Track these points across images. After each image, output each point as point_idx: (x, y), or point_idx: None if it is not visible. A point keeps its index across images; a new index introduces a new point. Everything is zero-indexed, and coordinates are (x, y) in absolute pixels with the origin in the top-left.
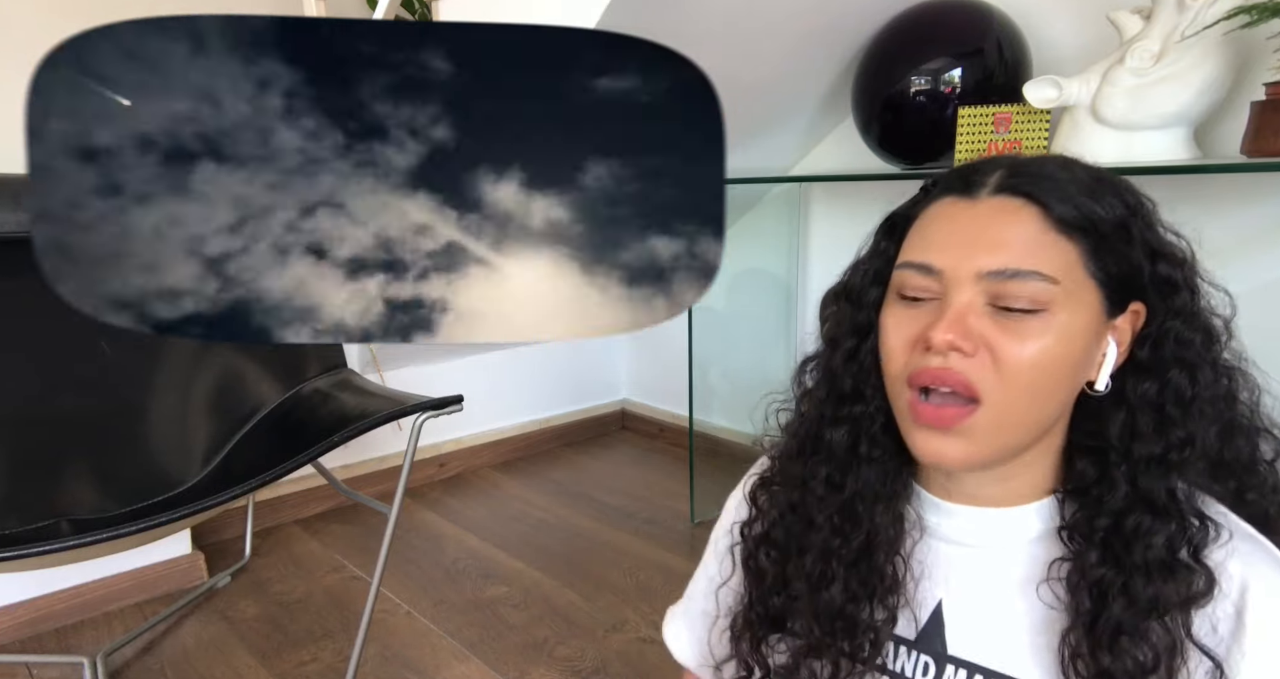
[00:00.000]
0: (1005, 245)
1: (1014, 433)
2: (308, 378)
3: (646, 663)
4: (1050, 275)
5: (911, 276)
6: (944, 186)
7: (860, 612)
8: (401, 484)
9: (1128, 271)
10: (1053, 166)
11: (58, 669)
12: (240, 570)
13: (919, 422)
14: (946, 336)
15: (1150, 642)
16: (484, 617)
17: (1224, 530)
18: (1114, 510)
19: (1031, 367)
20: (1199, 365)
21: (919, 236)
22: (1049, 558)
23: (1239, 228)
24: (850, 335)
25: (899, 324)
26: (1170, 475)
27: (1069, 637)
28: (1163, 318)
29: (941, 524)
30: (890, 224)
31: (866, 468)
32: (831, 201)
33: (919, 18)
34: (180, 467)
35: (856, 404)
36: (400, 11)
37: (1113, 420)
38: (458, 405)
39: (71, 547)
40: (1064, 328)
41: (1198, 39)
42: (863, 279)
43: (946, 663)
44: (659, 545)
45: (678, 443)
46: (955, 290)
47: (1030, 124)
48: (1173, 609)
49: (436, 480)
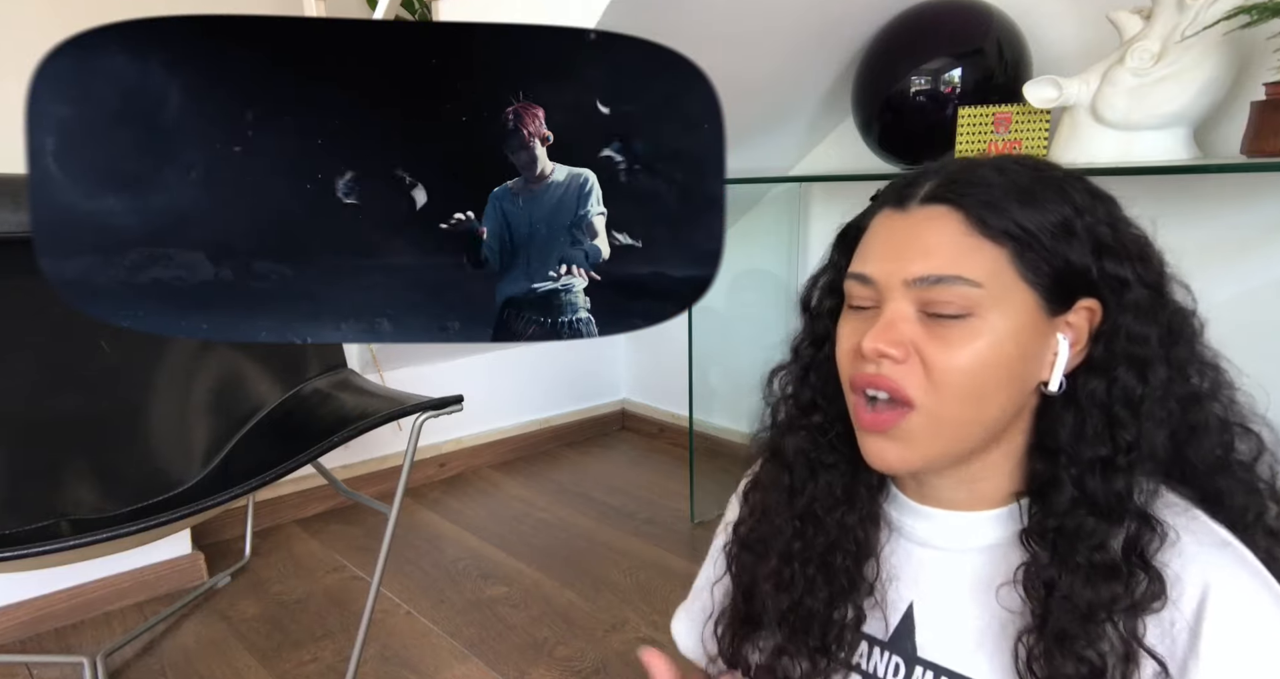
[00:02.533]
0: (930, 253)
1: (953, 436)
2: (308, 378)
3: None
4: (973, 279)
5: (854, 287)
6: (884, 198)
7: (829, 612)
8: (401, 484)
9: (1066, 269)
10: (986, 171)
11: (58, 669)
12: (240, 570)
13: (861, 426)
14: (874, 344)
15: (1099, 646)
16: (484, 617)
17: (1175, 533)
18: (1060, 512)
19: (961, 372)
20: (1153, 363)
21: (862, 248)
22: (1013, 562)
23: (1239, 228)
24: (809, 346)
25: (847, 333)
26: (1117, 478)
27: (1023, 639)
28: (1116, 314)
29: (915, 527)
30: (843, 235)
31: (825, 474)
32: (831, 201)
33: (919, 18)
34: (180, 467)
35: (814, 413)
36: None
37: (1063, 421)
38: (458, 405)
39: (71, 547)
40: (995, 331)
41: (1198, 39)
42: (818, 291)
43: (915, 664)
44: (659, 545)
45: (678, 443)
46: (888, 299)
47: (1030, 124)
48: (1118, 612)
49: (436, 480)
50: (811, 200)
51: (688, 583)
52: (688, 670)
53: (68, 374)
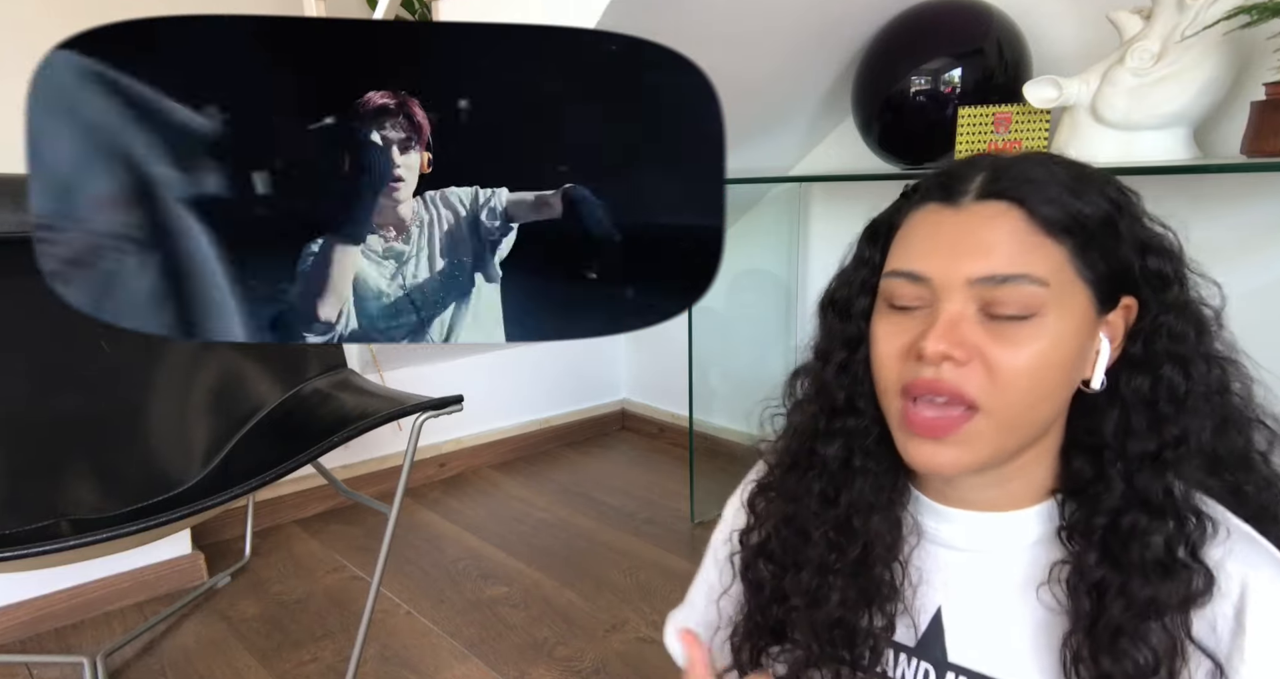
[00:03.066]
0: (992, 250)
1: (1012, 437)
2: (308, 378)
3: (646, 663)
4: (1040, 278)
5: (900, 285)
6: (925, 192)
7: (859, 621)
8: (401, 484)
9: (1117, 268)
10: (1034, 166)
11: (58, 669)
12: (240, 570)
13: (913, 431)
14: (939, 347)
15: (1150, 643)
16: (484, 617)
17: (1221, 528)
18: (1110, 509)
19: (1027, 373)
20: (1192, 359)
21: (905, 244)
22: (1049, 560)
23: (1239, 228)
24: (841, 348)
25: (890, 334)
26: (1165, 473)
27: (1070, 640)
28: (1155, 312)
29: (940, 529)
30: (873, 231)
31: (861, 480)
32: (831, 201)
33: (919, 18)
34: (180, 467)
35: (850, 417)
36: (400, 12)
37: (1107, 418)
38: (458, 405)
39: (71, 547)
40: (1056, 330)
41: (1198, 39)
42: (849, 289)
43: (947, 670)
44: (659, 545)
45: (678, 443)
46: (945, 298)
47: (1030, 124)
48: (1172, 610)
49: (436, 480)
50: (811, 200)
51: (688, 583)
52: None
53: (68, 374)
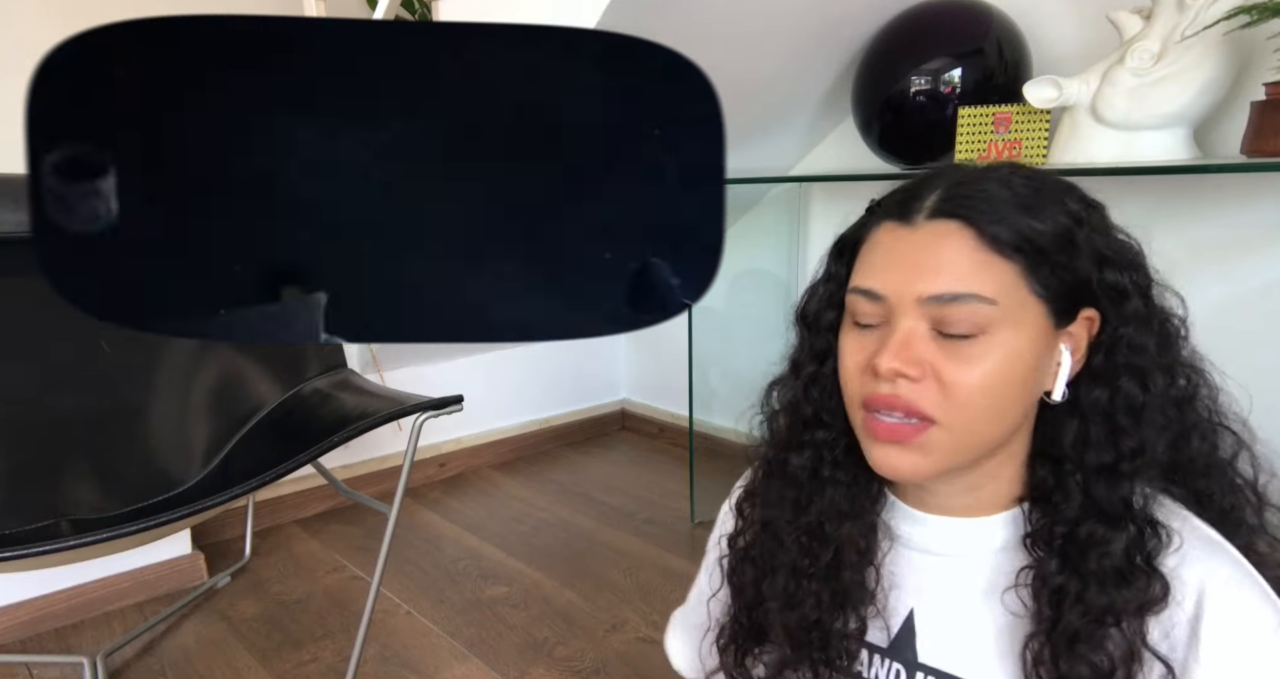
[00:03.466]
0: (942, 270)
1: (971, 448)
2: (308, 378)
3: (646, 663)
4: (988, 297)
5: (860, 302)
6: (885, 210)
7: (833, 623)
8: (401, 484)
9: (1072, 281)
10: (991, 183)
11: (58, 669)
12: (240, 570)
13: (876, 437)
14: (892, 364)
15: (1107, 649)
16: (484, 617)
17: (1177, 536)
18: (1069, 519)
19: (980, 390)
20: (1151, 371)
21: (865, 261)
22: (1016, 566)
23: (1239, 228)
24: (810, 361)
25: (853, 349)
26: (1122, 484)
27: (1030, 643)
28: (1115, 325)
29: (914, 534)
30: (840, 246)
31: (831, 489)
32: (831, 201)
33: (919, 18)
34: (180, 467)
35: (818, 429)
36: (400, 11)
37: (1067, 428)
38: (458, 405)
39: (71, 547)
40: (1008, 347)
41: (1198, 39)
42: (818, 304)
43: (917, 670)
44: (659, 545)
45: (678, 443)
46: (899, 316)
47: (1030, 124)
48: (1128, 616)
49: (436, 480)
50: (811, 200)
51: (688, 583)
52: None
53: (68, 374)
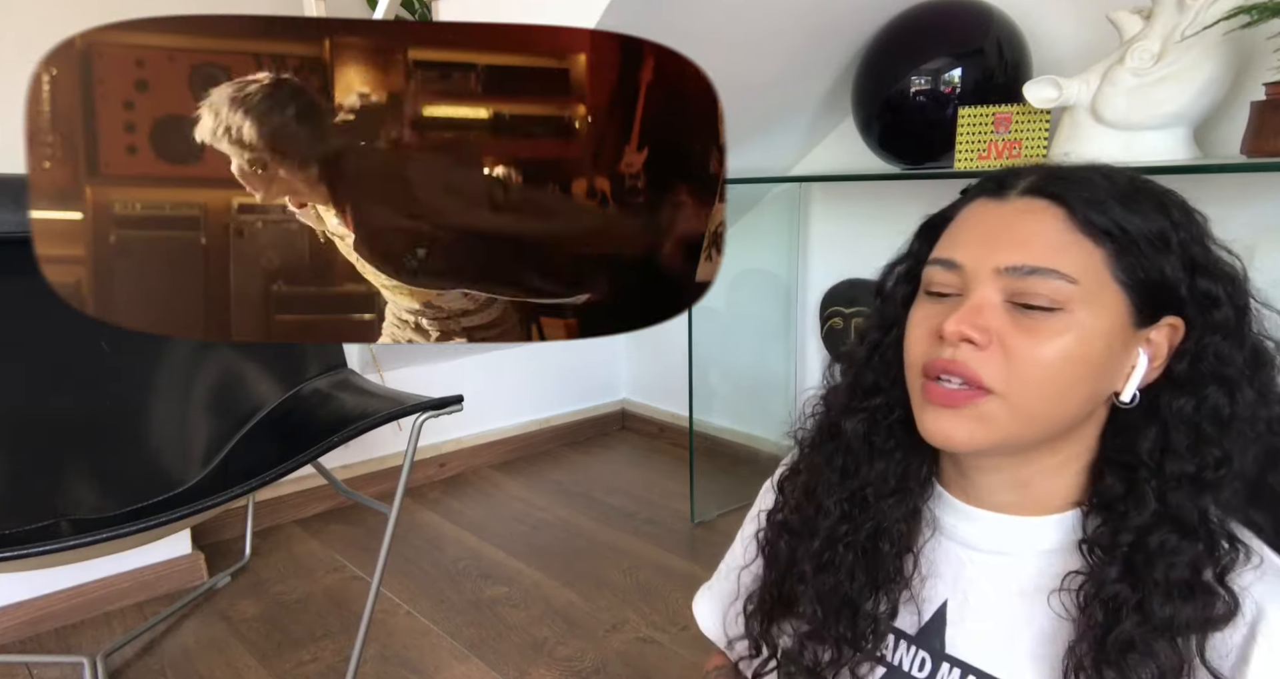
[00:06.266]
0: (1026, 243)
1: (1026, 427)
2: (308, 378)
3: (647, 663)
4: (1069, 274)
5: (936, 272)
6: (979, 188)
7: (863, 600)
8: (401, 484)
9: (1160, 281)
10: (1090, 172)
11: (58, 669)
12: (240, 570)
13: (929, 400)
14: (957, 328)
15: (1158, 661)
16: (484, 617)
17: (1256, 555)
18: (1139, 527)
19: (1045, 364)
20: (1240, 384)
21: (949, 235)
22: (1063, 570)
23: (1239, 228)
24: (876, 329)
25: (922, 318)
26: (1203, 495)
27: (1075, 649)
28: (1201, 333)
29: (959, 527)
30: (928, 226)
31: (880, 460)
32: (831, 201)
33: (919, 18)
34: (180, 467)
35: (875, 396)
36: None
37: (1144, 436)
38: (458, 405)
39: (71, 547)
40: (1083, 328)
41: (1198, 39)
42: (893, 277)
43: (943, 661)
44: (659, 545)
45: (678, 443)
46: (975, 285)
47: (1030, 124)
48: (1188, 631)
49: (436, 480)
50: (811, 200)
51: (688, 583)
52: None
53: (68, 374)
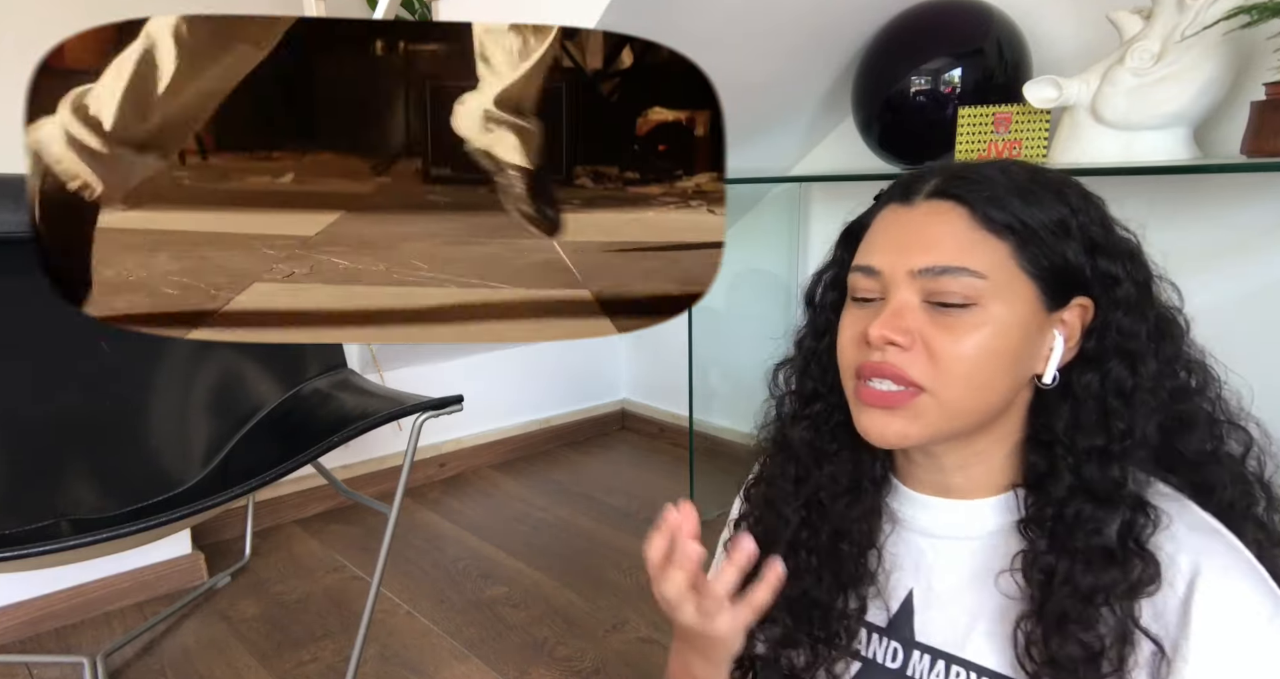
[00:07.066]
0: (935, 245)
1: (955, 418)
2: (308, 378)
3: (647, 663)
4: (978, 271)
5: (859, 278)
6: (889, 194)
7: (833, 601)
8: (401, 484)
9: (1064, 266)
10: (991, 169)
11: (58, 669)
12: (240, 570)
13: (862, 401)
14: (882, 331)
15: (1098, 629)
16: (484, 617)
17: (1166, 516)
18: (1058, 499)
19: (966, 358)
20: (1143, 356)
21: (866, 242)
22: (1011, 550)
23: (1239, 228)
24: (810, 337)
25: (849, 323)
26: (1111, 465)
27: (1022, 624)
28: (1107, 310)
29: (917, 516)
30: (848, 233)
31: (829, 463)
32: (831, 201)
33: (919, 18)
34: (180, 467)
35: (816, 402)
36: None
37: (1059, 414)
38: (458, 405)
39: (71, 547)
40: (998, 321)
41: (1198, 39)
42: (821, 286)
43: (913, 649)
44: None
45: (678, 443)
46: (894, 289)
47: (1030, 124)
48: (1117, 597)
49: (436, 480)
50: (811, 200)
51: None
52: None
53: (68, 374)
